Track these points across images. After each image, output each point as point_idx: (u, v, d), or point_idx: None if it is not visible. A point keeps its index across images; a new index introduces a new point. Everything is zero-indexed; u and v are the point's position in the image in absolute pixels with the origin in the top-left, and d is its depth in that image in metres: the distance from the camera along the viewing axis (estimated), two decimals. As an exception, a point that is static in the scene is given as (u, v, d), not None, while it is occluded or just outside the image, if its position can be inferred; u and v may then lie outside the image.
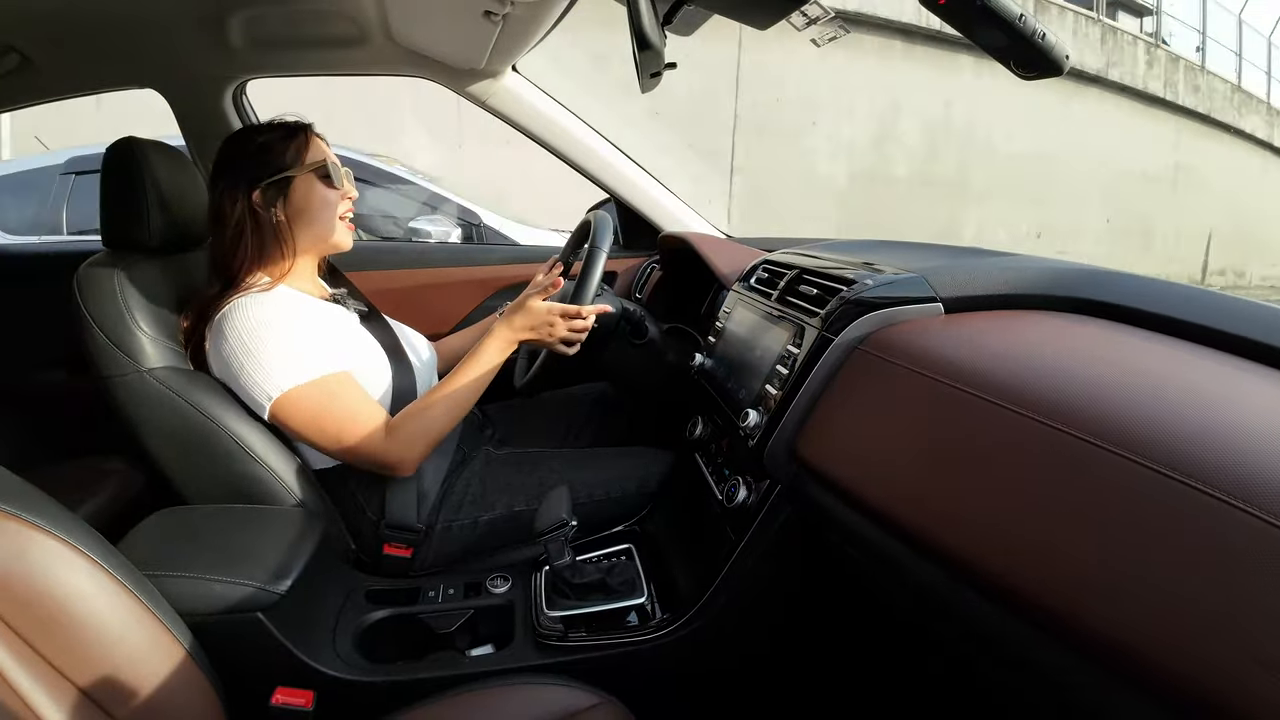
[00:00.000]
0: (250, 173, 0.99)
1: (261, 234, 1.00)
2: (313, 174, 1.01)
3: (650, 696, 0.77)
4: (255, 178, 0.99)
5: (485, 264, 1.77)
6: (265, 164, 1.00)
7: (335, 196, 1.04)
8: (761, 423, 0.82)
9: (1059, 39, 0.54)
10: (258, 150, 1.01)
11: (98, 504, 1.26)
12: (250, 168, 1.00)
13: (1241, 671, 0.35)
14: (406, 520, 1.02)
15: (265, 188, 0.99)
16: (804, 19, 0.67)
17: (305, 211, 1.02)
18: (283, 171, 1.00)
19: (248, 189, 0.99)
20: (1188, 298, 0.65)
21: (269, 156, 1.00)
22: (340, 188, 1.04)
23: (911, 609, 0.72)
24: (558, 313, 1.06)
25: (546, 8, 1.13)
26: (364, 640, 0.91)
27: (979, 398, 0.56)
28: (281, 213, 1.00)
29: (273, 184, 1.00)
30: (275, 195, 1.00)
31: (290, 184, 1.01)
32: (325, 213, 1.03)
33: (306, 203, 1.02)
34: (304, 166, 1.01)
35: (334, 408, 0.95)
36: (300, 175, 1.01)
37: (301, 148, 1.02)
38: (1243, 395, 0.50)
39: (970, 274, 0.76)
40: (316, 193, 1.02)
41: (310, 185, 1.02)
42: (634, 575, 0.97)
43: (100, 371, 0.93)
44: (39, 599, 0.53)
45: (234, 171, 1.00)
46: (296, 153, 1.01)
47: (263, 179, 0.99)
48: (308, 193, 1.02)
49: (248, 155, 1.01)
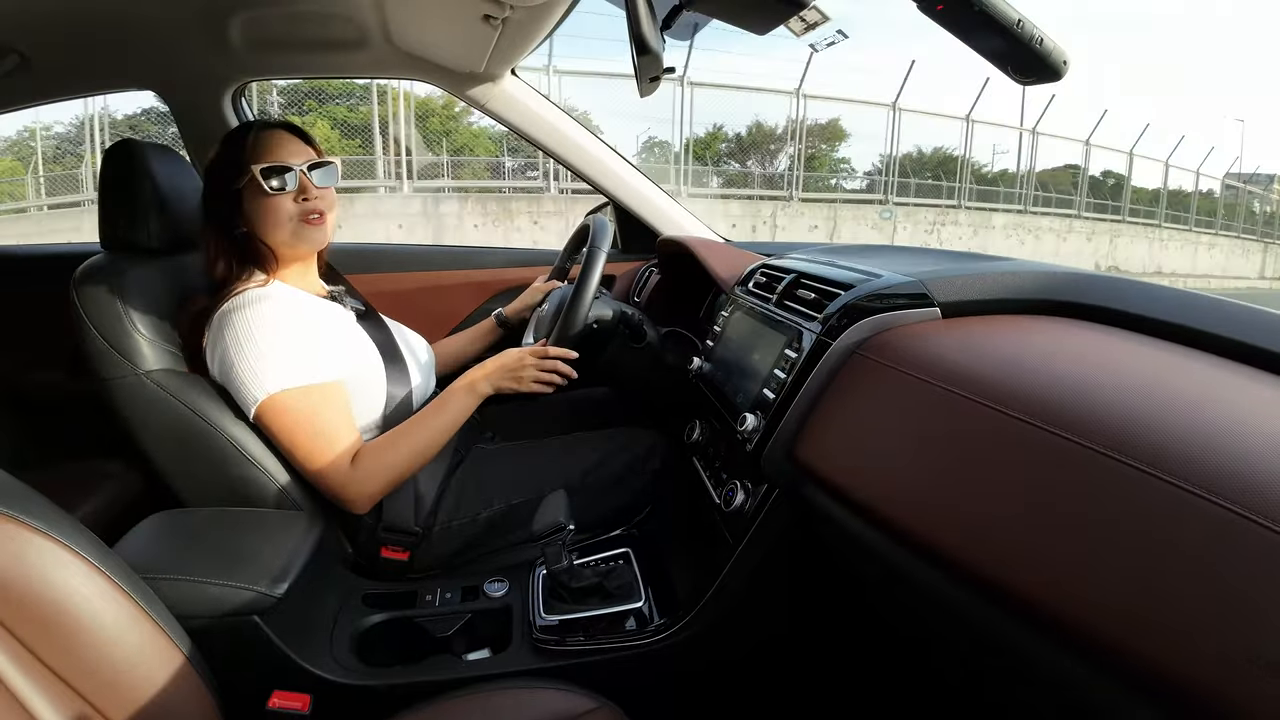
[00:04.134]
0: (213, 187, 1.00)
1: (237, 248, 1.00)
2: (256, 183, 0.97)
3: (647, 701, 0.77)
4: (217, 192, 0.99)
5: (484, 267, 1.77)
6: (218, 180, 0.99)
7: (279, 201, 0.98)
8: (760, 426, 0.82)
9: (1057, 44, 0.54)
10: (213, 166, 1.00)
11: (95, 506, 1.26)
12: (213, 182, 1.00)
13: (1239, 672, 0.35)
14: (404, 523, 1.02)
15: (229, 202, 0.98)
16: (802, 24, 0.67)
17: (259, 222, 0.99)
18: (231, 184, 0.98)
19: (216, 204, 0.99)
20: (1183, 303, 0.66)
21: (221, 170, 0.99)
22: (282, 192, 0.98)
23: (910, 610, 0.72)
24: (529, 353, 1.08)
25: (545, 12, 1.14)
26: (361, 644, 0.90)
27: (976, 402, 0.56)
28: (244, 224, 1.00)
29: (220, 202, 0.99)
30: (229, 212, 0.99)
31: (240, 196, 0.98)
32: (273, 219, 0.99)
33: (257, 213, 0.99)
34: (245, 177, 0.97)
35: (313, 422, 0.94)
36: (245, 187, 0.98)
37: (247, 153, 0.97)
38: (1240, 399, 0.50)
39: (967, 279, 0.77)
40: (261, 202, 0.98)
41: (255, 194, 0.98)
42: (632, 579, 0.97)
43: (98, 374, 0.93)
44: (35, 601, 0.53)
45: (208, 186, 1.01)
46: (243, 161, 0.97)
47: (215, 199, 0.99)
48: (253, 202, 0.99)
49: (209, 173, 1.01)
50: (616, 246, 1.79)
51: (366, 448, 0.98)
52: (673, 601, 0.95)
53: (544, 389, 1.09)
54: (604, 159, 1.67)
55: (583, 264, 1.11)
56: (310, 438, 0.94)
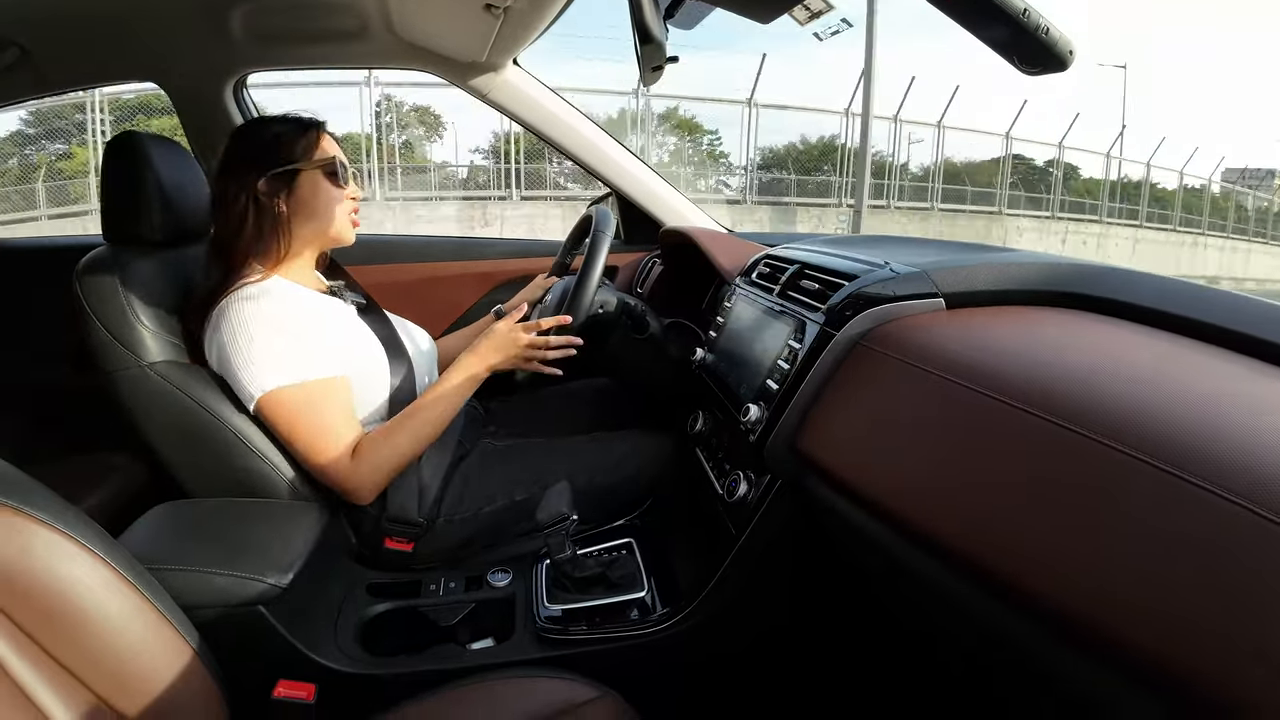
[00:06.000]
0: (259, 161, 1.00)
1: (261, 223, 1.00)
2: (319, 170, 1.02)
3: (651, 690, 0.77)
4: (263, 166, 1.00)
5: (486, 258, 1.77)
6: (275, 154, 1.01)
7: (340, 194, 1.05)
8: (763, 417, 0.82)
9: (1063, 34, 0.54)
10: (269, 140, 1.02)
11: (100, 498, 1.26)
12: (260, 156, 1.01)
13: (1243, 666, 0.35)
14: (407, 514, 1.02)
15: (272, 177, 1.00)
16: (806, 13, 0.67)
17: (308, 205, 1.03)
18: (291, 163, 1.01)
19: (255, 176, 1.00)
20: (1188, 294, 0.65)
21: (279, 147, 1.01)
22: (345, 186, 1.05)
23: (912, 602, 0.72)
24: (519, 327, 1.07)
25: (547, 1, 1.13)
26: (365, 633, 0.91)
27: (981, 393, 0.56)
28: (284, 204, 1.01)
29: (279, 174, 1.00)
30: (280, 186, 1.01)
31: (297, 177, 1.01)
32: (328, 208, 1.04)
33: (311, 197, 1.03)
34: (312, 162, 1.02)
35: (312, 417, 0.95)
36: (307, 170, 1.02)
37: (312, 144, 1.03)
38: (1249, 393, 0.50)
39: (972, 270, 0.76)
40: (322, 188, 1.03)
41: (316, 181, 1.03)
42: (635, 569, 0.98)
43: (102, 366, 0.93)
44: (41, 592, 0.53)
45: (243, 158, 1.01)
46: (306, 148, 1.02)
47: (270, 168, 1.00)
48: (313, 188, 1.03)
49: (258, 144, 1.02)
50: (619, 237, 1.79)
51: (366, 439, 0.98)
52: (675, 591, 0.96)
53: (545, 369, 1.08)
54: (606, 149, 1.66)
55: (587, 250, 1.11)
56: (310, 432, 0.95)
